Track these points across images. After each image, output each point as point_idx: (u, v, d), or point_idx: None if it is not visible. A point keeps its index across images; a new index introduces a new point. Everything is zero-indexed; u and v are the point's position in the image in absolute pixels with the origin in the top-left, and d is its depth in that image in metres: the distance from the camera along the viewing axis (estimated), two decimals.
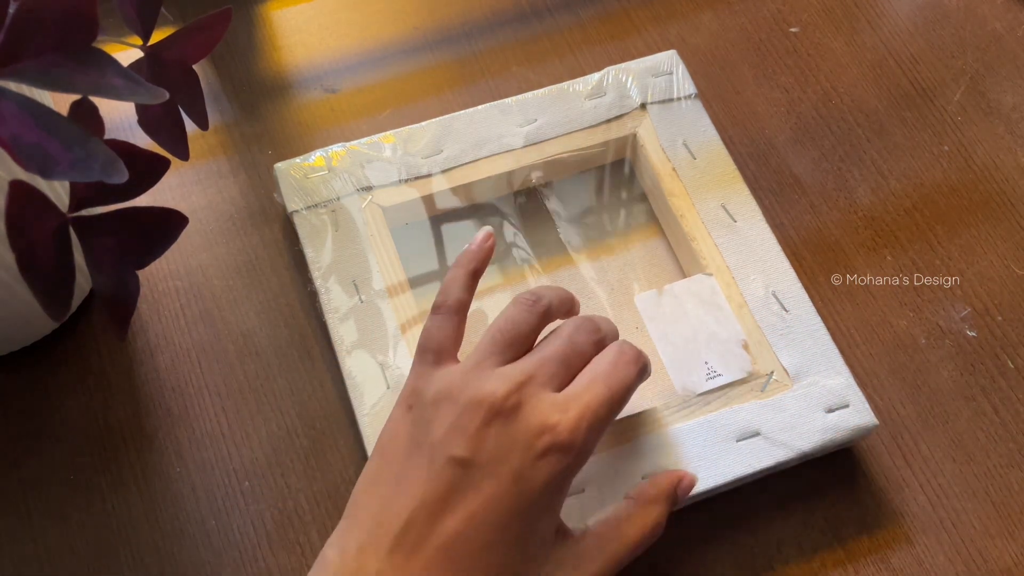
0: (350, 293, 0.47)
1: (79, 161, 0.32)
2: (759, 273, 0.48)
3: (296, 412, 0.48)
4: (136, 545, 0.45)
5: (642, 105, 0.53)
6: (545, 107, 0.52)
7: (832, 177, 0.55)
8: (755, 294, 0.47)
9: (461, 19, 0.61)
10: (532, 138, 0.51)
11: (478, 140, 0.51)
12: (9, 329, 0.48)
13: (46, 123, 0.32)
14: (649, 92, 0.53)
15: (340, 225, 0.49)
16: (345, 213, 0.49)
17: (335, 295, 0.47)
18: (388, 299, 0.47)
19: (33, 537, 0.45)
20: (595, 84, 0.53)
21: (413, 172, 0.51)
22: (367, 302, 0.47)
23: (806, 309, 0.47)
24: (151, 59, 0.41)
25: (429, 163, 0.51)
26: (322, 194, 0.50)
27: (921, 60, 0.59)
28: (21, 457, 0.47)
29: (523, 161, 0.51)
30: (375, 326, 0.47)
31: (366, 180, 0.50)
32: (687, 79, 0.54)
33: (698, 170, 0.51)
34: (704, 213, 0.50)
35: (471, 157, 0.51)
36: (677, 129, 0.52)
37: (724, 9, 0.61)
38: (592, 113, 0.52)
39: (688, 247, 0.50)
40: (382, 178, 0.50)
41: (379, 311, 0.47)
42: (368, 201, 0.49)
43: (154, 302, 0.51)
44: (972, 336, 0.51)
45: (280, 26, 0.60)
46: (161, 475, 0.46)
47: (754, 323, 0.47)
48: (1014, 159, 0.56)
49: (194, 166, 0.55)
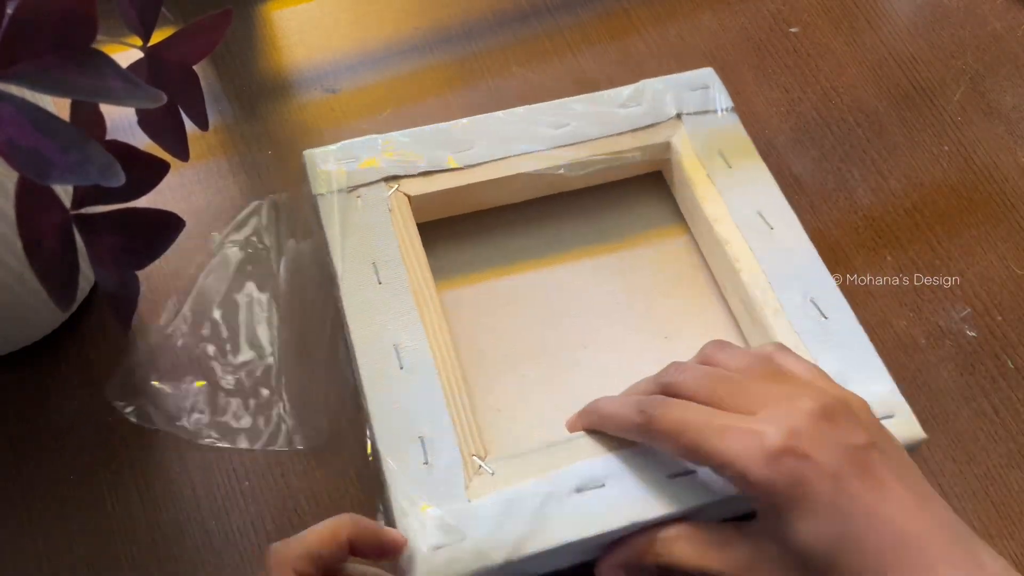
0: (368, 274, 0.46)
1: (76, 164, 0.32)
2: (796, 279, 0.47)
3: (296, 413, 0.48)
4: (136, 545, 0.45)
5: (677, 115, 0.51)
6: (577, 112, 0.51)
7: (832, 177, 0.55)
8: (792, 301, 0.46)
9: (461, 19, 0.61)
10: (563, 140, 0.50)
11: (509, 139, 0.50)
12: (10, 329, 0.48)
13: (43, 126, 0.32)
14: (684, 104, 0.52)
15: (366, 209, 0.48)
16: (372, 198, 0.48)
17: (353, 276, 0.46)
18: (407, 282, 0.46)
19: (33, 537, 0.45)
20: (630, 94, 0.52)
21: (441, 165, 0.49)
22: (385, 284, 0.46)
23: (845, 315, 0.46)
24: (151, 59, 0.41)
25: (458, 157, 0.50)
26: (348, 180, 0.49)
27: (921, 60, 0.59)
28: (21, 457, 0.47)
29: (554, 161, 0.50)
30: (392, 307, 0.45)
31: (393, 170, 0.49)
32: (723, 93, 0.53)
33: (733, 178, 0.50)
34: (739, 219, 0.48)
35: (501, 154, 0.50)
36: (713, 139, 0.51)
37: (724, 9, 0.61)
38: (625, 120, 0.51)
39: (721, 251, 0.48)
40: (409, 168, 0.49)
41: (397, 293, 0.45)
42: (394, 190, 0.48)
43: (154, 303, 0.51)
44: (972, 336, 0.51)
45: (280, 26, 0.60)
46: (161, 475, 0.46)
47: (791, 330, 0.45)
48: (1014, 159, 0.56)
49: (194, 166, 0.55)
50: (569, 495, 0.40)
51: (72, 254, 0.38)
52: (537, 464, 0.41)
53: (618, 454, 0.41)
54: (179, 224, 0.41)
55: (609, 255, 0.51)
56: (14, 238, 0.35)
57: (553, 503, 0.39)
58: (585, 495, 0.40)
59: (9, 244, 0.41)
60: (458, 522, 0.39)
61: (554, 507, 0.39)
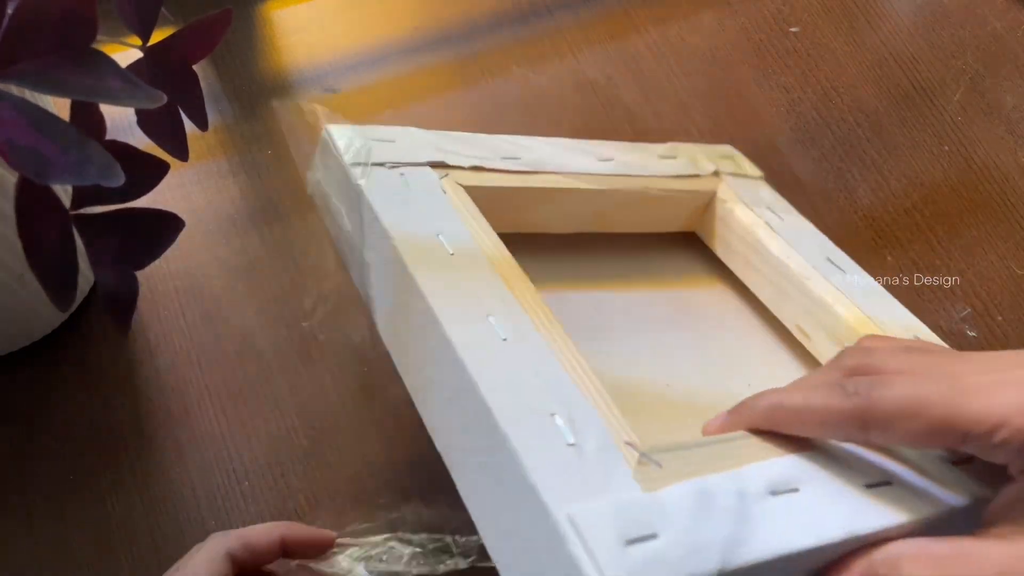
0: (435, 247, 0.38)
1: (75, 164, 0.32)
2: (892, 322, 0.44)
3: (296, 413, 0.48)
4: (135, 545, 0.45)
5: (715, 172, 0.51)
6: (621, 151, 0.50)
7: (832, 177, 0.55)
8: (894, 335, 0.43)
9: (461, 19, 0.61)
10: (611, 170, 0.48)
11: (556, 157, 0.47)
12: (9, 329, 0.48)
13: (42, 126, 0.32)
14: (719, 166, 0.51)
15: (413, 187, 0.41)
16: (418, 179, 0.42)
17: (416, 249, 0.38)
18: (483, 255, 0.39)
19: (32, 537, 0.45)
20: (665, 149, 0.51)
21: (490, 164, 0.44)
22: (458, 254, 0.38)
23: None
24: (151, 59, 0.41)
25: (507, 163, 0.45)
26: (387, 156, 0.42)
27: (921, 60, 0.59)
28: (21, 457, 0.47)
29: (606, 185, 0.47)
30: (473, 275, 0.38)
31: (439, 157, 0.43)
32: (752, 166, 0.52)
33: (790, 228, 0.48)
34: (810, 260, 0.46)
35: (553, 168, 0.46)
36: (756, 197, 0.50)
37: (724, 9, 0.61)
38: (667, 167, 0.50)
39: (801, 286, 0.45)
40: (456, 160, 0.44)
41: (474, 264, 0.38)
42: (446, 175, 0.42)
43: (154, 303, 0.51)
44: (972, 336, 0.51)
45: (280, 26, 0.60)
46: (161, 476, 0.46)
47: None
48: (1014, 159, 0.56)
49: (194, 166, 0.55)
50: (764, 497, 0.32)
51: (71, 254, 0.37)
52: (708, 459, 0.33)
53: (803, 455, 0.34)
54: (179, 224, 0.41)
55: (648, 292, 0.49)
56: (13, 238, 0.35)
57: (753, 504, 0.31)
58: (781, 499, 0.32)
59: (8, 244, 0.41)
60: (642, 517, 0.30)
61: (756, 509, 0.31)
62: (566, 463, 0.31)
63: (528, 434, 0.32)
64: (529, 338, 0.35)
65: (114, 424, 0.47)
